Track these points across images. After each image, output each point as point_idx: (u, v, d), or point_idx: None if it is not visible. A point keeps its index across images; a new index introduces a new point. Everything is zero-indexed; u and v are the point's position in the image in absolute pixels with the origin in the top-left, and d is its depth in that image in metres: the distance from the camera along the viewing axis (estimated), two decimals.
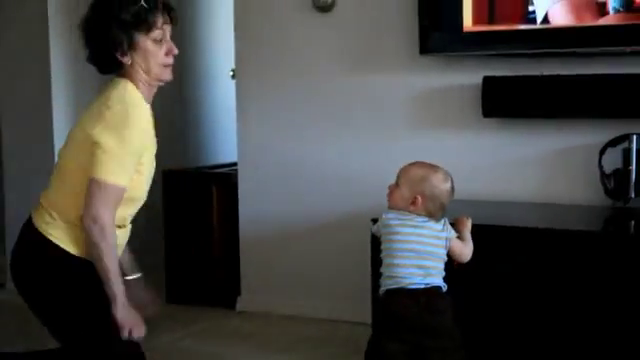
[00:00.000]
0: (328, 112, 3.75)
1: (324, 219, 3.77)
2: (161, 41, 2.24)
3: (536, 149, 3.40)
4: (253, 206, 3.91)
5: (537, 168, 3.40)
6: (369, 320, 2.95)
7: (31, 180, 4.18)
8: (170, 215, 4.14)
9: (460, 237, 2.48)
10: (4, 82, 4.40)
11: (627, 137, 3.12)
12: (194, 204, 4.10)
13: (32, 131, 4.31)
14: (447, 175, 2.44)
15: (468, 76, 3.43)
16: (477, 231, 2.55)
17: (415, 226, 2.39)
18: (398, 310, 2.34)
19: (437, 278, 2.38)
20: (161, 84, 2.31)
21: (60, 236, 2.20)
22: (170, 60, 2.28)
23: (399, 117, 3.61)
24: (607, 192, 3.16)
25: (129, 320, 2.17)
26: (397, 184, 2.44)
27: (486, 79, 3.33)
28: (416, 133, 3.58)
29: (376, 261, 2.72)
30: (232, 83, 4.18)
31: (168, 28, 2.27)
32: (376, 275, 2.67)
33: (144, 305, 2.33)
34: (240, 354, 3.31)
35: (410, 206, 2.40)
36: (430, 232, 2.39)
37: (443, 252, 2.41)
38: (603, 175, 3.15)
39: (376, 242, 2.68)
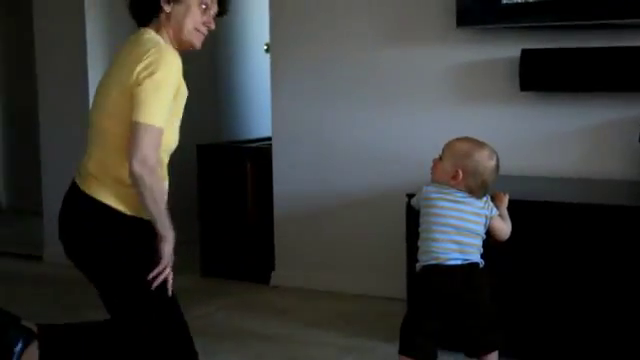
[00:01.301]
0: (363, 86, 3.71)
1: (358, 194, 3.75)
2: (205, 10, 2.30)
3: (574, 123, 3.34)
4: (287, 181, 3.91)
5: (575, 142, 3.34)
6: (404, 296, 2.94)
7: (68, 157, 4.21)
8: (204, 189, 4.15)
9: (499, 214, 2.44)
10: (41, 59, 4.45)
11: None
12: (228, 178, 4.11)
13: (68, 110, 4.34)
14: (493, 153, 2.39)
15: (505, 49, 3.37)
16: (514, 206, 2.51)
17: (454, 201, 2.35)
18: (436, 286, 2.32)
19: (474, 255, 2.35)
20: (184, 50, 2.33)
21: (110, 197, 2.21)
22: (205, 30, 2.32)
23: (435, 90, 3.57)
24: None
25: (171, 257, 2.20)
26: (441, 157, 2.41)
27: (524, 52, 3.26)
28: (452, 107, 3.53)
29: (411, 237, 2.70)
30: (266, 57, 4.16)
31: (215, 7, 2.33)
32: (411, 251, 2.65)
33: None
34: (274, 328, 3.32)
35: (451, 180, 2.36)
36: (470, 208, 2.35)
37: (481, 229, 2.38)
38: None
39: (411, 217, 2.66)
